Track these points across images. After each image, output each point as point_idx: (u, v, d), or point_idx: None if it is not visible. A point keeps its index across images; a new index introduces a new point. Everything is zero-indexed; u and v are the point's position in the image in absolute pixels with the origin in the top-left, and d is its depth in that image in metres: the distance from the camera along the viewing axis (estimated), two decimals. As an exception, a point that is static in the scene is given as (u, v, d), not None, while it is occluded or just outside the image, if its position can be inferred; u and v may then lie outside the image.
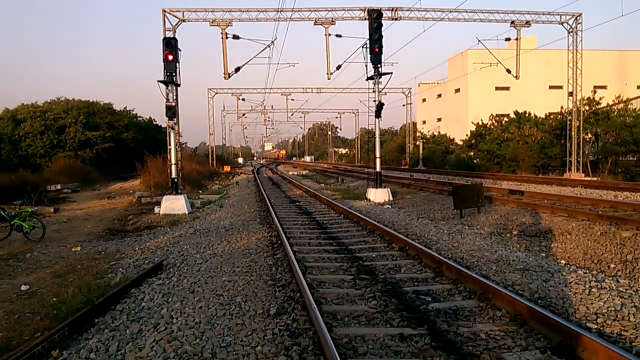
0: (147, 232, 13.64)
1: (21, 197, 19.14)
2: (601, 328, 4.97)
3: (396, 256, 8.53)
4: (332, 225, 12.43)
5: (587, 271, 7.42)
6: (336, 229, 11.80)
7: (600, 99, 30.54)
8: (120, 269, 8.88)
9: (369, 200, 18.43)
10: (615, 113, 29.34)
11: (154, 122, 49.77)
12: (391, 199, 18.65)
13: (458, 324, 5.20)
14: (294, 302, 5.96)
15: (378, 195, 18.57)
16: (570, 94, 26.80)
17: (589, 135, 29.66)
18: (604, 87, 46.61)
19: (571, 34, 26.05)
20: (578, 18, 25.77)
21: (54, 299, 7.10)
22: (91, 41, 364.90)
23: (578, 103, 26.86)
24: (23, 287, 7.79)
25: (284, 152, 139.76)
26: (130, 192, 24.72)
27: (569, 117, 27.49)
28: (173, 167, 18.41)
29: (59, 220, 16.03)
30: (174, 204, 17.33)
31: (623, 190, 17.25)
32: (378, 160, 19.54)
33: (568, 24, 25.87)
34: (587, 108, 29.23)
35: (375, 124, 19.40)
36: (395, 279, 7.03)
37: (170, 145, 18.71)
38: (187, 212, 17.13)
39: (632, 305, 5.57)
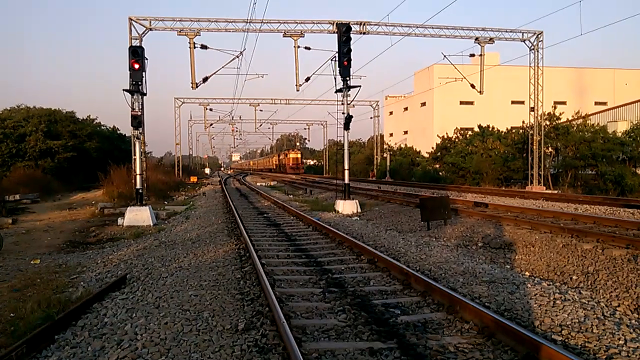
0: (110, 245, 13.28)
1: (-23, 208, 18.43)
2: (566, 340, 5.06)
3: (365, 268, 8.54)
4: (300, 237, 12.37)
5: (551, 283, 7.58)
6: (305, 241, 11.75)
7: (560, 114, 31.56)
8: (82, 283, 8.61)
9: (338, 212, 18.46)
10: (575, 128, 30.38)
11: (118, 132, 48.97)
12: (359, 210, 18.72)
13: (427, 337, 5.22)
14: (262, 316, 5.88)
15: (346, 207, 18.61)
16: (532, 109, 27.61)
17: (550, 149, 30.56)
18: (564, 103, 48.23)
19: (533, 51, 26.89)
20: (539, 36, 26.65)
21: (12, 314, 6.81)
22: (55, 48, 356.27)
23: (539, 118, 27.70)
24: (-23, 303, 7.45)
25: (298, 155, 74.33)
26: (93, 202, 24.08)
27: (530, 132, 28.28)
28: (138, 177, 18.04)
29: (18, 232, 15.46)
30: (139, 216, 16.96)
31: (583, 203, 17.78)
32: (346, 172, 19.61)
33: (530, 41, 26.71)
34: (547, 123, 30.16)
35: (344, 136, 19.51)
36: (364, 291, 7.03)
37: (135, 155, 18.35)
38: (152, 224, 16.79)
39: (595, 316, 5.71)
